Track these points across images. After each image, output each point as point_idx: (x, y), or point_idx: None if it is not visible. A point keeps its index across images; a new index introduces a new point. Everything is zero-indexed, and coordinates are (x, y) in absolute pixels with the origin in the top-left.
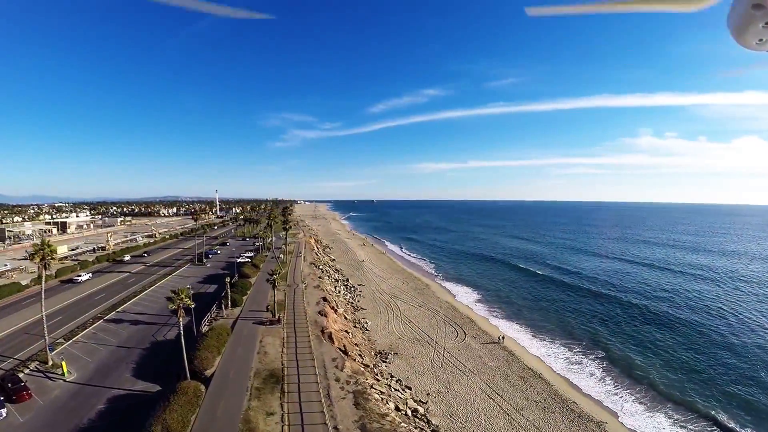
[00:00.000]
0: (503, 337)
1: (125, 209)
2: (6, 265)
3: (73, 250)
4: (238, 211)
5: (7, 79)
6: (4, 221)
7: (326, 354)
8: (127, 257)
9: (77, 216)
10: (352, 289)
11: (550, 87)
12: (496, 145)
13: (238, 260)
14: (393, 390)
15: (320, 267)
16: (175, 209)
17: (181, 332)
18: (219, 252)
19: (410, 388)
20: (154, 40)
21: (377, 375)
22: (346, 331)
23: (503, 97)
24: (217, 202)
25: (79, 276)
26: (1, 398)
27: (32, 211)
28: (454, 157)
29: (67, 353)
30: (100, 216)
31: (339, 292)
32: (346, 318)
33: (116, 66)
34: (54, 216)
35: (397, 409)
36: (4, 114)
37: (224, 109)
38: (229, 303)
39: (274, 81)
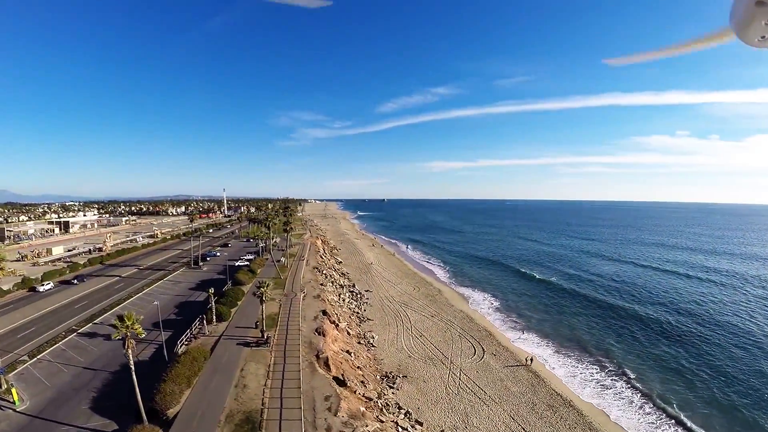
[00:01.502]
0: (531, 359)
1: (133, 208)
2: None
3: (69, 251)
4: (245, 210)
5: (14, 80)
6: (9, 220)
7: (318, 389)
8: (46, 286)
9: (84, 215)
10: (359, 296)
11: (560, 84)
12: (506, 144)
13: (235, 264)
14: (400, 429)
15: (324, 272)
16: (183, 208)
17: (132, 368)
18: (219, 254)
19: (421, 424)
20: (164, 40)
21: (382, 409)
22: (347, 351)
23: (513, 95)
24: (225, 201)
25: None
26: None
27: (40, 210)
28: (464, 156)
29: (27, 374)
30: (106, 215)
31: (343, 300)
32: (349, 333)
33: (130, 66)
34: (61, 215)
35: None
36: (20, 114)
37: (234, 109)
38: (214, 318)
39: (283, 80)
